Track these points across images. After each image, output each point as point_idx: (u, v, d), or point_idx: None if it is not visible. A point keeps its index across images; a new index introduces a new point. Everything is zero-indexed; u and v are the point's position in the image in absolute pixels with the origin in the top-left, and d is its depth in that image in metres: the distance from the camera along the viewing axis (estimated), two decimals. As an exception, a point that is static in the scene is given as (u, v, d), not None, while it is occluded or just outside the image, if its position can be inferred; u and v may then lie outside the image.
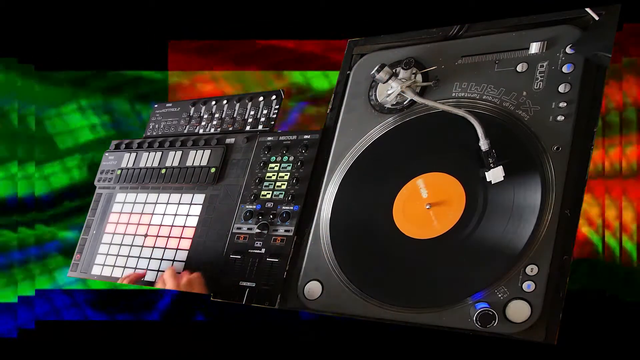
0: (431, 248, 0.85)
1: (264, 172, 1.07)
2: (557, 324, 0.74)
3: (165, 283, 1.06)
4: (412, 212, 0.88)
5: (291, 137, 1.07)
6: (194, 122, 1.26)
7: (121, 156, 1.31)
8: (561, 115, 0.81)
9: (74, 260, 1.26)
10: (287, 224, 1.00)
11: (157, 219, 1.18)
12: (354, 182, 0.96)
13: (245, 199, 1.07)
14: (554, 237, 0.76)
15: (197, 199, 1.14)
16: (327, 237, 0.94)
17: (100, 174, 1.33)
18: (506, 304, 0.77)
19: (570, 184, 0.78)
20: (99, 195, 1.31)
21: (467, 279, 0.81)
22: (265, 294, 0.96)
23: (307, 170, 1.02)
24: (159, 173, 1.22)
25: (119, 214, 1.25)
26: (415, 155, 0.92)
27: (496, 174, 0.81)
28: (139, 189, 1.25)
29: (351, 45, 1.06)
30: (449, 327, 0.81)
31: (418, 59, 0.96)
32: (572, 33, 0.83)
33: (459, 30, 0.94)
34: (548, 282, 0.75)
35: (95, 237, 1.26)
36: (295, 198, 1.01)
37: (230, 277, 1.01)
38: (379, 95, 0.98)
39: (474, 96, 0.89)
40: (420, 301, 0.84)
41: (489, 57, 0.90)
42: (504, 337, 0.77)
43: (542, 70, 0.84)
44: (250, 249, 1.01)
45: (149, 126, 1.35)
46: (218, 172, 1.13)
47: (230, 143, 1.16)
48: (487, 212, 0.82)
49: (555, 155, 0.80)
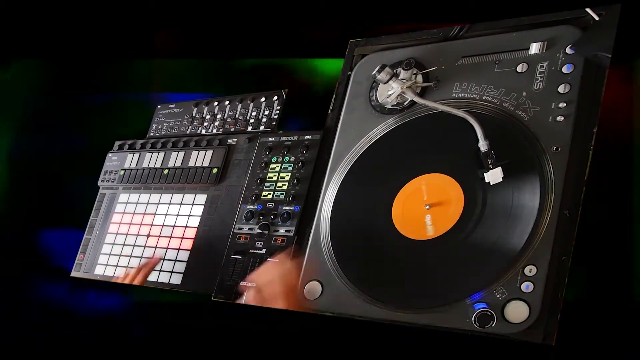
0: (430, 249, 0.85)
1: (265, 173, 1.07)
2: (556, 324, 0.74)
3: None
4: (411, 212, 0.88)
5: (292, 137, 1.07)
6: (197, 123, 1.27)
7: (124, 157, 1.32)
8: (561, 115, 0.81)
9: (77, 260, 1.27)
10: (287, 224, 1.00)
11: (160, 219, 1.19)
12: (354, 182, 0.96)
13: (247, 200, 1.07)
14: (553, 237, 0.76)
15: (199, 199, 1.15)
16: (327, 238, 0.95)
17: (103, 174, 1.34)
18: (505, 305, 0.77)
19: (570, 185, 0.78)
20: (102, 195, 1.32)
21: (466, 279, 0.81)
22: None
23: (307, 171, 1.02)
24: (161, 173, 1.23)
25: (122, 214, 1.26)
26: (415, 156, 0.92)
27: (495, 175, 0.81)
28: (141, 189, 1.26)
29: (352, 46, 1.06)
30: (448, 327, 0.81)
31: (419, 60, 0.96)
32: (572, 33, 0.83)
33: (460, 30, 0.94)
34: (547, 282, 0.75)
35: (98, 237, 1.27)
36: (296, 198, 1.01)
37: (232, 277, 1.01)
38: (379, 96, 0.98)
39: (474, 97, 0.89)
40: (419, 301, 0.84)
41: (489, 57, 0.90)
42: (503, 337, 0.77)
43: (542, 71, 0.84)
44: (251, 249, 1.02)
45: (152, 127, 1.36)
46: (220, 173, 1.14)
47: (232, 144, 1.16)
48: (486, 213, 0.82)
49: (555, 155, 0.79)
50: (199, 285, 1.06)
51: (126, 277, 1.16)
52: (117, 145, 1.37)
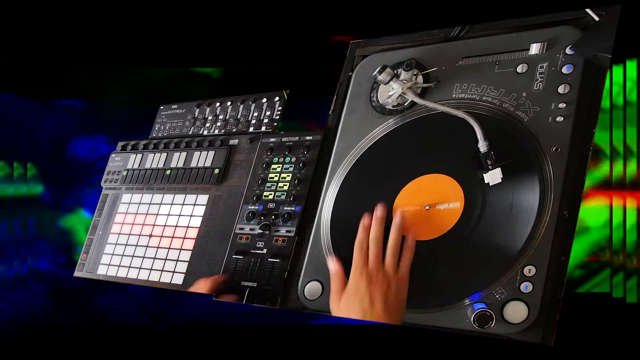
0: (430, 249, 0.85)
1: (266, 173, 1.08)
2: (554, 325, 0.74)
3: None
4: (411, 213, 0.88)
5: (293, 138, 1.08)
6: (199, 124, 1.27)
7: (127, 157, 1.33)
8: (560, 116, 0.81)
9: (80, 260, 1.28)
10: (288, 224, 1.00)
11: (162, 219, 1.20)
12: (354, 183, 0.96)
13: (248, 200, 1.07)
14: (552, 238, 0.76)
15: (201, 199, 1.15)
16: (327, 238, 0.95)
17: (106, 174, 1.35)
18: (504, 305, 0.77)
19: (569, 185, 0.78)
20: (105, 195, 1.33)
21: (465, 279, 0.81)
22: (267, 294, 0.97)
23: (308, 171, 1.03)
24: (163, 174, 1.23)
25: (124, 214, 1.27)
26: (415, 157, 0.92)
27: (494, 175, 0.81)
28: (144, 190, 1.27)
29: (353, 46, 1.06)
30: (447, 327, 0.81)
31: (419, 60, 0.96)
32: (572, 34, 0.83)
33: (460, 31, 0.94)
34: (546, 283, 0.75)
35: (101, 238, 1.27)
36: (296, 199, 1.01)
37: (233, 277, 1.01)
38: (380, 97, 0.98)
39: (474, 97, 0.89)
40: (418, 301, 0.84)
41: (490, 58, 0.90)
42: (502, 337, 0.77)
43: (542, 71, 0.84)
44: (252, 249, 1.02)
45: (154, 127, 1.36)
46: (221, 173, 1.14)
47: (233, 144, 1.17)
48: (486, 213, 0.82)
49: (554, 156, 0.79)
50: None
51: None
52: (120, 146, 1.38)
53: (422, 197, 0.88)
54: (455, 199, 0.85)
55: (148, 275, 1.14)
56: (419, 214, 0.88)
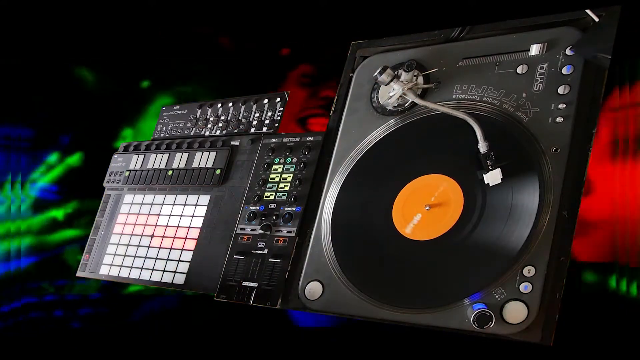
0: (430, 249, 0.85)
1: (267, 174, 1.08)
2: (554, 325, 0.74)
3: None
4: (411, 213, 0.89)
5: (294, 139, 1.08)
6: (201, 125, 1.28)
7: (129, 158, 1.33)
8: (560, 116, 0.81)
9: (82, 260, 1.28)
10: (289, 225, 1.01)
11: (164, 219, 1.20)
12: (355, 183, 0.97)
13: (249, 200, 1.08)
14: (552, 238, 0.76)
15: (202, 200, 1.16)
16: (328, 238, 0.95)
17: (109, 175, 1.35)
18: (503, 305, 0.77)
19: (569, 186, 0.78)
20: (108, 196, 1.34)
21: (465, 280, 0.81)
22: (267, 294, 0.97)
23: (309, 172, 1.03)
24: (165, 174, 1.24)
25: (126, 214, 1.27)
26: (415, 157, 0.92)
27: (494, 176, 0.81)
28: (146, 190, 1.27)
29: (354, 47, 1.07)
30: (447, 327, 0.81)
31: (420, 61, 0.96)
32: (572, 35, 0.83)
33: (460, 32, 0.95)
34: (545, 283, 0.75)
35: (103, 238, 1.28)
36: (297, 199, 1.02)
37: (234, 277, 1.02)
38: (381, 97, 0.99)
39: (474, 98, 0.89)
40: (418, 302, 0.84)
41: (490, 59, 0.90)
42: (501, 338, 0.77)
43: (542, 72, 0.84)
44: (253, 249, 1.03)
45: (157, 128, 1.37)
46: (223, 174, 1.14)
47: (235, 145, 1.17)
48: (485, 214, 0.82)
49: (554, 156, 0.80)
50: (202, 286, 1.07)
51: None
52: (122, 147, 1.38)
53: (422, 198, 0.88)
54: (455, 199, 0.85)
55: (150, 276, 1.15)
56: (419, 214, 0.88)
